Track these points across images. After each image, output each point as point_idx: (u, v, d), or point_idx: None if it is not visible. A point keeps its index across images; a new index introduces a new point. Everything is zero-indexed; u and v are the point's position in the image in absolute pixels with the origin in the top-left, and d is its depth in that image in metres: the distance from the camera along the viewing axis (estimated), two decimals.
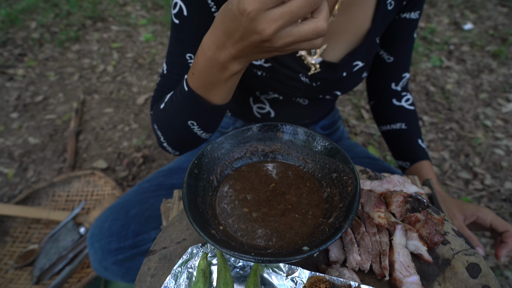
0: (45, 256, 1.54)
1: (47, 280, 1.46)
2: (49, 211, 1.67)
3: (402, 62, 1.06)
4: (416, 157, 1.04)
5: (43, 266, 1.50)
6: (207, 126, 0.82)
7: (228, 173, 0.78)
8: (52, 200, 1.78)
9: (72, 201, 1.79)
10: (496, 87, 2.42)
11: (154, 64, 2.81)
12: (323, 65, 0.91)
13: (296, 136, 0.79)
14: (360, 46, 0.92)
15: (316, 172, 0.76)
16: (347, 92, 1.04)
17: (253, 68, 0.92)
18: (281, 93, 0.99)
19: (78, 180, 1.83)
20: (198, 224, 0.61)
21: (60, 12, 3.43)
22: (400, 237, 0.66)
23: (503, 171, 1.90)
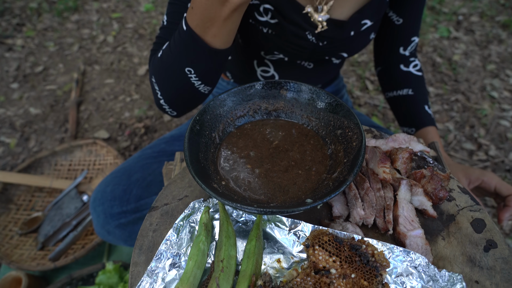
0: (49, 223, 1.55)
1: (51, 246, 1.48)
2: (52, 180, 1.67)
3: (411, 25, 1.02)
4: (422, 123, 1.02)
5: (47, 233, 1.52)
6: (205, 75, 0.77)
7: (230, 130, 0.77)
8: (54, 169, 1.78)
9: (75, 170, 1.79)
10: (504, 58, 2.36)
11: (155, 34, 2.75)
12: (330, 23, 0.87)
13: (300, 94, 0.77)
14: (369, 4, 0.88)
15: (320, 130, 0.75)
16: (354, 54, 1.00)
17: (258, 25, 0.89)
18: (286, 53, 0.96)
19: (80, 149, 1.82)
20: (200, 177, 0.60)
21: None
22: (405, 192, 0.65)
23: (508, 142, 1.87)
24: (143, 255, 0.63)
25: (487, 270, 0.57)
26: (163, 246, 0.61)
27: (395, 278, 0.55)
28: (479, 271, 0.57)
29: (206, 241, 0.60)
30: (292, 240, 0.61)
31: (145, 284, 0.57)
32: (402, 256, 0.56)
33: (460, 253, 0.59)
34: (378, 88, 2.23)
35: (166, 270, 0.59)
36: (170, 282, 0.58)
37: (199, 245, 0.59)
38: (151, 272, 0.59)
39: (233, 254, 0.59)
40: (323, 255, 0.56)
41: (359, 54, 2.48)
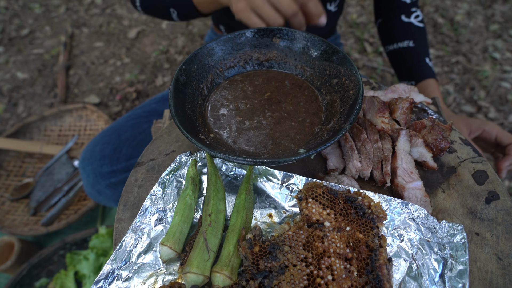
0: (41, 189, 1.52)
1: (43, 212, 1.46)
2: (41, 145, 1.63)
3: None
4: (422, 75, 0.98)
5: (39, 199, 1.49)
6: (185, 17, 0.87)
7: (219, 82, 0.72)
8: (44, 135, 1.73)
9: (65, 136, 1.74)
10: (509, 18, 2.27)
11: None
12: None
13: (293, 42, 0.72)
14: None
15: (315, 80, 0.70)
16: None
17: None
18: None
19: (70, 114, 1.77)
20: (186, 128, 0.56)
21: None
22: (404, 143, 0.61)
23: (508, 105, 1.83)
24: (128, 211, 0.60)
25: (488, 222, 0.55)
26: (148, 201, 0.58)
27: (392, 230, 0.52)
28: (479, 223, 0.55)
29: (193, 195, 0.57)
30: (284, 194, 0.57)
31: (129, 240, 0.54)
32: (400, 208, 0.53)
33: (461, 205, 0.57)
34: (376, 50, 2.16)
35: (152, 226, 0.56)
36: (156, 238, 0.55)
37: (186, 199, 0.56)
38: (136, 228, 0.56)
39: (222, 208, 0.56)
40: (317, 208, 0.53)
41: (358, 15, 2.38)
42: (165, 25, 2.38)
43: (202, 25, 2.36)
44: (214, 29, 1.22)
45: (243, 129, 0.63)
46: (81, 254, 1.27)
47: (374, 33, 2.26)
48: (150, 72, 2.08)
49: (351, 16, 2.36)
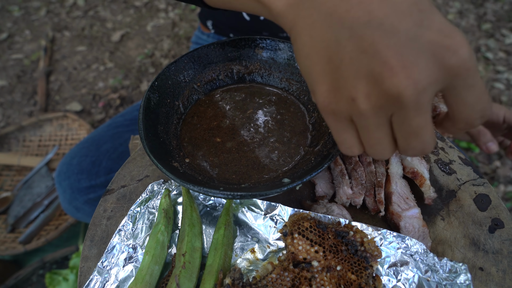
0: (19, 204, 1.45)
1: (22, 228, 1.39)
2: (20, 157, 1.55)
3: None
4: None
5: (17, 214, 1.42)
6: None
7: (197, 98, 0.65)
8: (23, 146, 1.65)
9: (45, 146, 1.66)
10: (501, 17, 2.24)
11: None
12: None
13: (278, 52, 0.66)
14: None
15: (301, 95, 0.64)
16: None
17: None
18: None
19: (50, 123, 1.69)
20: (156, 155, 0.50)
21: None
22: (397, 165, 0.56)
23: None
24: (95, 248, 0.54)
25: (492, 254, 0.49)
26: (116, 237, 0.52)
27: (387, 268, 0.47)
28: (483, 255, 0.49)
29: (166, 231, 0.51)
30: (268, 226, 0.52)
31: (95, 284, 0.48)
32: (396, 242, 0.47)
33: (462, 235, 0.51)
34: None
35: (120, 266, 0.50)
36: (124, 280, 0.49)
37: (158, 236, 0.50)
38: (103, 269, 0.49)
39: (198, 245, 0.50)
40: (304, 244, 0.47)
41: None
42: (150, 28, 2.31)
43: (188, 27, 2.29)
44: (201, 27, 1.16)
45: (223, 152, 0.57)
46: (61, 274, 1.20)
47: None
48: (135, 77, 2.01)
49: None
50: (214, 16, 1.07)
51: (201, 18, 1.14)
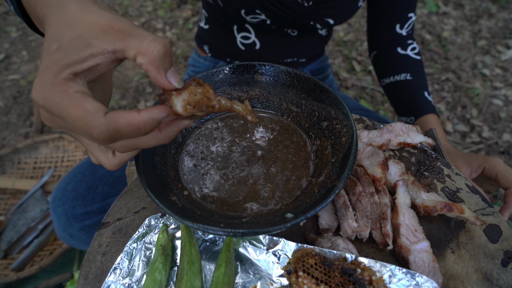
0: (13, 228, 1.41)
1: (15, 254, 1.35)
2: (14, 180, 1.52)
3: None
4: (422, 110, 0.91)
5: (11, 239, 1.38)
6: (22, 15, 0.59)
7: (195, 126, 0.64)
8: (18, 168, 1.63)
9: (41, 168, 1.64)
10: (495, 33, 2.26)
11: (127, 16, 2.56)
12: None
13: (277, 78, 0.64)
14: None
15: (302, 122, 0.63)
16: (340, 22, 0.89)
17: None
18: (269, 13, 0.85)
19: (46, 145, 1.67)
20: (154, 189, 0.48)
21: None
22: (404, 195, 0.54)
23: (501, 123, 1.79)
24: (89, 287, 0.51)
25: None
26: (112, 276, 0.49)
27: None
28: None
29: (164, 269, 0.48)
30: (271, 262, 0.49)
31: None
32: (405, 279, 0.45)
33: (474, 270, 0.49)
34: (365, 69, 2.11)
35: None
36: None
37: (155, 275, 0.47)
38: None
39: (197, 285, 0.47)
40: (309, 283, 0.44)
41: (345, 33, 2.34)
42: None
43: (185, 46, 2.30)
44: (198, 50, 1.16)
45: (222, 183, 0.55)
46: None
47: (362, 51, 2.22)
48: (132, 96, 2.00)
49: (338, 34, 2.33)
50: (210, 42, 1.07)
51: (197, 41, 1.14)
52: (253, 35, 0.96)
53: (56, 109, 0.34)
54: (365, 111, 1.08)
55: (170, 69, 0.37)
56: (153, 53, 0.35)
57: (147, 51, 0.35)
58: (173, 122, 0.40)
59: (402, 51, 0.99)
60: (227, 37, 1.00)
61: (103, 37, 0.35)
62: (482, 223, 0.50)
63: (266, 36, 0.96)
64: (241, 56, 1.02)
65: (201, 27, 1.09)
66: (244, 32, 0.96)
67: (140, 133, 0.37)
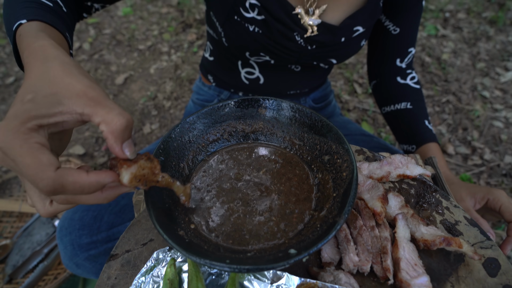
0: (18, 252, 1.42)
1: (20, 278, 1.36)
2: (21, 203, 1.54)
3: (409, 35, 0.95)
4: (423, 139, 0.93)
5: (16, 263, 1.39)
6: None
7: (202, 159, 0.66)
8: (24, 191, 1.65)
9: None
10: (494, 56, 2.30)
11: (134, 40, 2.63)
12: (321, 27, 0.81)
13: (280, 112, 0.67)
14: (362, 9, 0.81)
15: (305, 155, 0.65)
16: (343, 61, 0.93)
17: (244, 23, 0.81)
18: (273, 55, 0.88)
19: None
20: (162, 224, 0.50)
21: None
22: (404, 229, 0.56)
23: (503, 145, 1.81)
24: None
25: None
26: None
27: None
28: None
29: None
30: None
31: None
32: None
33: None
34: (367, 91, 2.15)
35: None
36: None
37: None
38: None
39: None
40: None
41: None
42: (153, 70, 2.37)
43: (190, 69, 2.35)
44: (202, 78, 1.19)
45: (227, 216, 0.57)
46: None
47: (363, 73, 2.26)
48: (138, 119, 2.04)
49: None
50: (214, 72, 1.10)
51: (202, 70, 1.17)
52: (257, 71, 0.99)
53: (12, 154, 0.37)
54: (367, 136, 1.10)
55: (127, 141, 0.42)
56: (116, 124, 0.39)
57: (111, 122, 0.39)
58: (116, 187, 0.45)
59: (401, 81, 1.01)
60: (232, 71, 1.03)
61: (76, 100, 0.39)
62: (480, 257, 0.51)
63: (270, 72, 0.99)
64: (245, 88, 1.05)
65: (205, 57, 1.13)
66: (248, 68, 1.00)
67: (83, 192, 0.40)
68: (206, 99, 1.17)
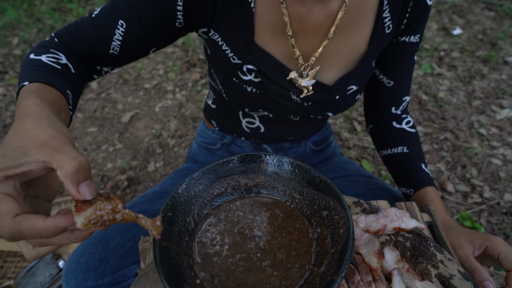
0: None
1: None
2: None
3: (403, 86, 1.00)
4: (420, 183, 0.96)
5: None
6: None
7: (207, 212, 0.70)
8: None
9: None
10: (488, 93, 2.37)
11: (140, 79, 2.73)
12: (315, 87, 0.86)
13: (281, 168, 0.71)
14: (355, 70, 0.86)
15: (304, 209, 0.68)
16: (339, 113, 0.98)
17: (242, 84, 0.87)
18: (271, 111, 0.94)
19: (59, 207, 1.72)
20: (170, 281, 0.53)
21: (43, 27, 3.34)
22: (399, 284, 0.58)
23: (501, 182, 1.83)
24: None
25: None
26: None
27: None
28: None
29: None
30: None
31: None
32: None
33: None
34: (366, 129, 2.20)
35: None
36: None
37: None
38: None
39: None
40: None
41: None
42: (158, 108, 2.45)
43: (194, 108, 2.43)
44: (206, 122, 1.24)
45: (232, 272, 0.60)
46: None
47: (362, 111, 2.33)
48: (142, 157, 2.09)
49: None
50: (217, 119, 1.16)
51: (205, 114, 1.22)
52: (258, 121, 1.05)
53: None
54: (367, 177, 1.13)
55: (84, 182, 0.45)
56: (68, 168, 0.42)
57: (63, 166, 0.42)
58: None
59: (397, 125, 1.06)
60: (233, 120, 1.09)
61: (39, 149, 0.44)
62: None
63: (269, 122, 1.04)
64: (247, 135, 1.11)
65: (208, 104, 1.19)
66: (249, 118, 1.05)
67: (43, 236, 0.43)
68: (209, 142, 1.22)
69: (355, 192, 1.07)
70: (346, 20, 0.78)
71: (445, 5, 3.31)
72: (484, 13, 3.18)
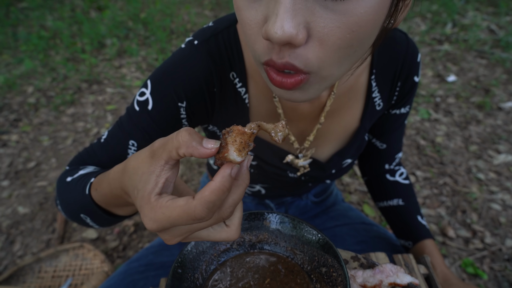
0: None
1: None
2: None
3: (395, 146, 1.07)
4: (418, 236, 1.00)
5: None
6: (102, 224, 0.75)
7: (213, 268, 0.75)
8: (38, 277, 1.70)
9: (59, 277, 1.71)
10: (485, 139, 2.45)
11: None
12: (311, 164, 0.92)
13: (283, 225, 0.77)
14: (349, 146, 0.92)
15: (305, 264, 0.73)
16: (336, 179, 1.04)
17: None
18: (269, 184, 1.00)
19: (66, 253, 1.76)
20: None
21: (57, 76, 3.52)
22: None
23: (502, 228, 1.86)
24: None
25: None
26: None
27: None
28: None
29: None
30: None
31: None
32: None
33: None
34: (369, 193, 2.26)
35: None
36: None
37: None
38: None
39: None
40: None
41: None
42: None
43: None
44: (209, 176, 1.29)
45: None
46: None
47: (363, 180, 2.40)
48: None
49: None
50: None
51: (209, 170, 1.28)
52: (258, 186, 1.10)
53: (166, 223, 0.43)
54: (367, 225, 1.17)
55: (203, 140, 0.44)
56: (183, 140, 0.43)
57: (178, 143, 0.43)
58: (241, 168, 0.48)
59: (391, 178, 1.12)
60: None
61: (153, 160, 0.46)
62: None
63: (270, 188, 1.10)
64: (248, 195, 1.16)
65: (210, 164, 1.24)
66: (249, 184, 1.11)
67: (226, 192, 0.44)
68: None
69: (356, 240, 1.11)
70: (336, 105, 0.83)
71: (438, 53, 3.48)
72: (476, 60, 3.34)
